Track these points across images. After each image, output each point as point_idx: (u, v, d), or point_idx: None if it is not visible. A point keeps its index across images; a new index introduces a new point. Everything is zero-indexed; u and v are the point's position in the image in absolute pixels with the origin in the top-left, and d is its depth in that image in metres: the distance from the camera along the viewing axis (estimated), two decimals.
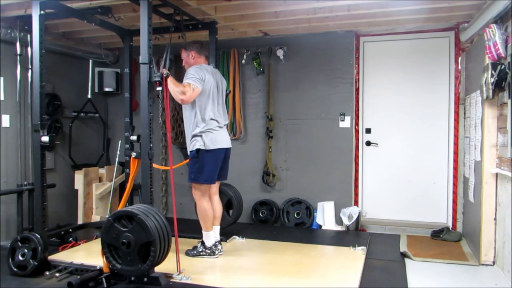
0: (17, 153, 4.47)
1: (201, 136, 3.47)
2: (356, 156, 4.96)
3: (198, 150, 3.48)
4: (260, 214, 5.07)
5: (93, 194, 5.01)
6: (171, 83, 3.24)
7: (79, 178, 4.96)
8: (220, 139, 3.57)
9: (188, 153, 3.58)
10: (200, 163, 3.48)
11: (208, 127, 3.49)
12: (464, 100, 4.54)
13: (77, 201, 4.96)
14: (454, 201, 4.65)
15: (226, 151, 3.68)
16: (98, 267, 3.17)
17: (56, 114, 4.89)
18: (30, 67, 4.27)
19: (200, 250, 3.64)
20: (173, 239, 3.04)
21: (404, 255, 3.85)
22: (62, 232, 3.98)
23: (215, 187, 3.77)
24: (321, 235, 4.60)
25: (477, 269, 3.52)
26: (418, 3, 3.82)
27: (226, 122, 3.74)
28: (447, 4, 3.84)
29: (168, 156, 4.54)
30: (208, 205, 3.62)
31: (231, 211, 4.33)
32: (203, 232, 3.64)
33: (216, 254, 3.63)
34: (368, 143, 4.97)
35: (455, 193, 4.64)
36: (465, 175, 4.45)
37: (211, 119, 3.52)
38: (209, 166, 3.52)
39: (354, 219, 4.64)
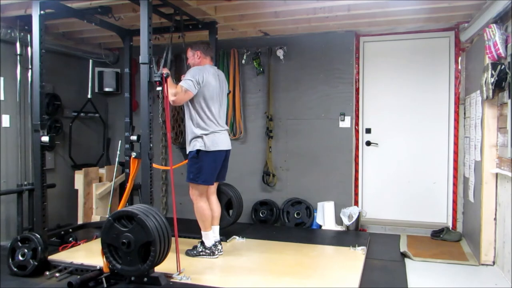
0: (17, 153, 4.47)
1: (202, 137, 3.47)
2: (356, 156, 4.96)
3: (198, 150, 3.48)
4: (260, 214, 5.07)
5: (93, 194, 5.01)
6: (168, 84, 3.26)
7: (79, 178, 4.96)
8: (221, 141, 3.57)
9: (188, 153, 3.58)
10: (200, 163, 3.48)
11: (209, 129, 3.49)
12: (464, 100, 4.54)
13: (77, 201, 4.96)
14: (454, 201, 4.65)
15: (226, 153, 3.68)
16: (98, 267, 3.17)
17: (56, 114, 4.89)
18: (30, 67, 4.27)
19: (200, 250, 3.64)
20: (173, 239, 3.05)
21: (404, 255, 3.85)
22: (62, 232, 3.98)
23: (213, 188, 3.77)
24: (321, 235, 4.60)
25: (477, 269, 3.52)
26: (418, 3, 3.82)
27: (225, 126, 3.72)
28: (447, 4, 3.84)
29: (168, 156, 4.55)
30: (206, 205, 3.62)
31: (231, 211, 4.33)
32: (202, 232, 3.64)
33: (216, 254, 3.63)
34: (368, 143, 4.97)
35: (455, 193, 4.64)
36: (465, 175, 4.45)
37: (212, 120, 3.52)
38: (208, 167, 3.52)
39: (354, 219, 4.64)
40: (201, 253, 3.63)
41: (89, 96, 5.27)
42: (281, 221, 5.00)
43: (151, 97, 3.25)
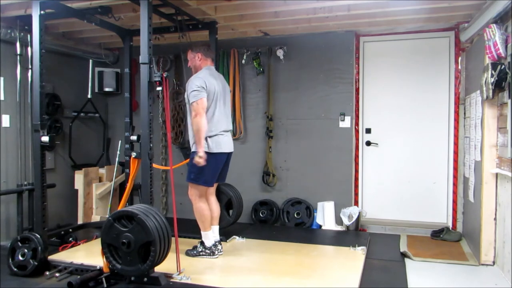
0: (17, 153, 4.47)
1: (205, 139, 3.47)
2: (356, 156, 4.96)
3: None
4: (260, 214, 5.07)
5: (93, 194, 5.01)
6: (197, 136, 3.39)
7: (79, 178, 4.96)
8: (224, 143, 3.57)
9: (191, 153, 3.58)
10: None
11: (213, 131, 3.49)
12: (464, 100, 4.54)
13: (77, 201, 4.96)
14: (454, 201, 4.65)
15: (228, 155, 3.69)
16: (98, 267, 3.17)
17: (56, 114, 4.89)
18: (30, 67, 4.27)
19: (200, 250, 3.64)
20: (173, 239, 3.05)
21: (404, 255, 3.85)
22: (62, 232, 3.98)
23: (212, 189, 3.77)
24: (321, 235, 4.60)
25: (477, 269, 3.52)
26: (418, 3, 3.82)
27: (231, 126, 3.73)
28: (447, 4, 3.84)
29: (168, 156, 4.55)
30: (205, 205, 3.62)
31: (231, 211, 4.33)
32: (202, 232, 3.64)
33: (216, 254, 3.63)
34: (368, 143, 4.96)
35: (455, 193, 4.64)
36: (465, 175, 4.45)
37: (216, 122, 3.51)
38: (210, 168, 3.51)
39: (354, 219, 4.64)
40: (201, 253, 3.63)
41: (89, 96, 5.27)
42: (281, 221, 5.00)
43: (151, 97, 3.25)
